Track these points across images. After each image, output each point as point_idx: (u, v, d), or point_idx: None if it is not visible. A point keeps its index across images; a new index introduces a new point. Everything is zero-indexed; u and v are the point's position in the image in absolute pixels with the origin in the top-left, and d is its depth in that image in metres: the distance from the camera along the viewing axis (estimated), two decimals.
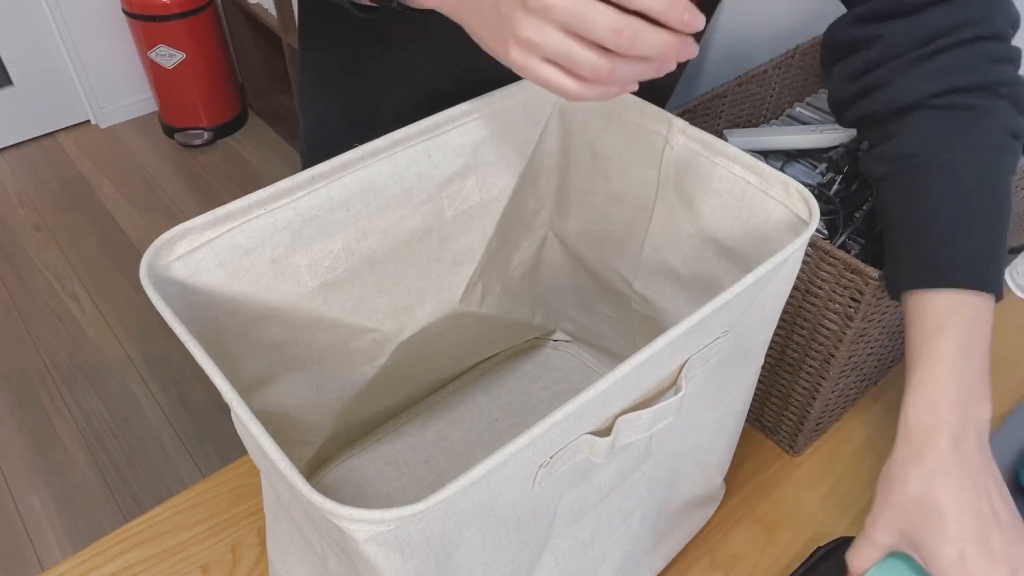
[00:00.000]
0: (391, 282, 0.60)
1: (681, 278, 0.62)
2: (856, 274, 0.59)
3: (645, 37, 0.39)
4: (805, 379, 0.68)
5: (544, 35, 0.40)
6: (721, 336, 0.48)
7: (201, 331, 0.49)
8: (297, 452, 0.64)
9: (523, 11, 0.40)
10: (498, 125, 0.59)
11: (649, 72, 0.42)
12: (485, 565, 0.43)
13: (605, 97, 0.43)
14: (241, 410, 0.37)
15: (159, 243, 0.45)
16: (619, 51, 0.40)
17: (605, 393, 0.39)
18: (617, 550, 0.55)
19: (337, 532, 0.36)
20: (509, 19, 0.41)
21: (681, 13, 0.39)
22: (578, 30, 0.40)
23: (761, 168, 0.53)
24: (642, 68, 0.42)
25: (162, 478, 1.70)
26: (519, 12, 0.41)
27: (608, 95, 0.43)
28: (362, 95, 0.76)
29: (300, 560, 0.52)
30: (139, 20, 2.35)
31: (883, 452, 0.75)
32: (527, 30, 0.41)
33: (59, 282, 2.15)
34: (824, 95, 0.93)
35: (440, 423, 0.73)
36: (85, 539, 1.59)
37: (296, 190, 0.50)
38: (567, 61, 0.41)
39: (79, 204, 2.40)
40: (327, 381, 0.61)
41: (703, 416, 0.54)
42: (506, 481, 0.39)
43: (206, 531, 0.68)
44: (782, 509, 0.70)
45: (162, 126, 2.68)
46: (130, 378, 1.90)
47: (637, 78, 0.42)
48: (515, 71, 0.43)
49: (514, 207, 0.65)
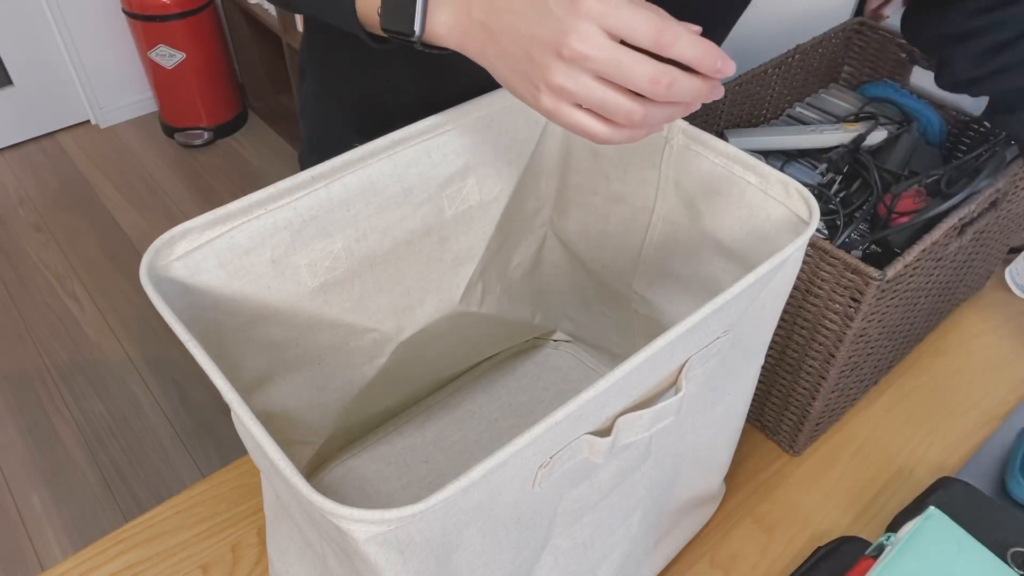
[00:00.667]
0: (391, 282, 0.60)
1: (681, 278, 0.62)
2: (856, 274, 0.59)
3: (680, 84, 0.40)
4: (805, 379, 0.68)
5: (578, 83, 0.41)
6: (721, 336, 0.48)
7: (201, 331, 0.49)
8: (297, 452, 0.64)
9: (557, 59, 0.40)
10: (498, 125, 0.59)
11: (679, 114, 0.43)
12: (485, 565, 0.43)
13: (634, 139, 0.43)
14: (241, 410, 0.37)
15: (159, 243, 0.45)
16: (654, 98, 0.40)
17: (605, 393, 0.39)
18: (617, 550, 0.55)
19: (337, 532, 0.36)
20: (541, 67, 0.41)
21: (715, 61, 0.40)
22: (614, 79, 0.40)
23: (761, 168, 0.53)
24: (672, 111, 0.42)
25: (162, 478, 1.70)
26: (553, 59, 0.41)
27: (637, 137, 0.43)
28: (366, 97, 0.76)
29: (300, 560, 0.52)
30: (139, 20, 2.35)
31: (883, 452, 0.75)
32: (561, 78, 0.41)
33: (59, 282, 2.15)
34: (824, 95, 0.93)
35: (440, 423, 0.73)
36: (85, 539, 1.59)
37: (296, 190, 0.50)
38: (600, 108, 0.41)
39: (79, 204, 2.40)
40: (327, 381, 0.61)
41: (703, 416, 0.54)
42: (506, 481, 0.39)
43: (206, 531, 0.68)
44: (782, 509, 0.70)
45: (162, 126, 2.68)
46: (130, 378, 1.90)
47: (667, 121, 0.43)
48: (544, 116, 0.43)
49: (514, 207, 0.65)
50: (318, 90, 0.80)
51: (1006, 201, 0.73)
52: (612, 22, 0.40)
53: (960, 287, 0.82)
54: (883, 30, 0.91)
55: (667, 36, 0.39)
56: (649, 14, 0.40)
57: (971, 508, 0.65)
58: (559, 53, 0.40)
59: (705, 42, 0.40)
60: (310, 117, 0.83)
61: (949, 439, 0.76)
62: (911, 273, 0.64)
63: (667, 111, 0.42)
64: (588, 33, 0.40)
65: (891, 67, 0.92)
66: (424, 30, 0.46)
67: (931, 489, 0.67)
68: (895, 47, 0.90)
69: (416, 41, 0.47)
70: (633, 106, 0.41)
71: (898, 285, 0.63)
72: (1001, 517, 0.64)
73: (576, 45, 0.40)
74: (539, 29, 0.41)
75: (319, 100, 0.80)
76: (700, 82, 0.41)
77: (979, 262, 0.81)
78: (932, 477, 0.73)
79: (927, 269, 0.67)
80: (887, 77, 0.92)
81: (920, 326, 0.79)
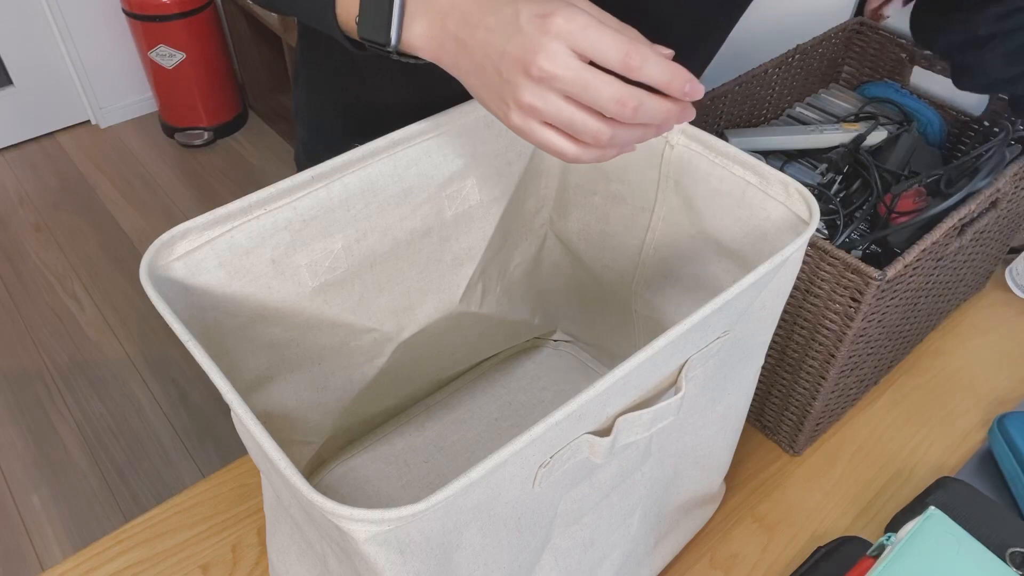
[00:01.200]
0: (391, 282, 0.60)
1: (681, 278, 0.62)
2: (856, 274, 0.59)
3: (647, 107, 0.40)
4: (805, 379, 0.68)
5: (546, 102, 0.40)
6: (721, 336, 0.48)
7: (201, 331, 0.49)
8: (297, 452, 0.64)
9: (526, 77, 0.40)
10: (498, 125, 0.59)
11: (649, 135, 0.42)
12: (485, 565, 0.43)
13: (603, 159, 0.43)
14: (241, 410, 0.37)
15: (159, 243, 0.45)
16: (621, 120, 0.40)
17: (605, 393, 0.39)
18: (617, 550, 0.55)
19: (337, 532, 0.36)
20: (511, 84, 0.41)
21: (683, 84, 0.40)
22: (581, 99, 0.40)
23: (761, 168, 0.53)
24: (642, 132, 0.42)
25: (162, 478, 1.70)
26: (521, 78, 0.41)
27: (606, 157, 0.43)
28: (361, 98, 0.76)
29: (300, 560, 0.52)
30: (139, 20, 2.35)
31: (883, 452, 0.75)
32: (529, 96, 0.41)
33: (59, 282, 2.15)
34: (824, 95, 0.93)
35: (440, 423, 0.73)
36: (85, 539, 1.59)
37: (296, 190, 0.50)
38: (568, 128, 0.41)
39: (79, 204, 2.40)
40: (327, 381, 0.61)
41: (703, 416, 0.54)
42: (506, 481, 0.39)
43: (206, 531, 0.68)
44: (782, 509, 0.70)
45: (162, 126, 2.68)
46: (130, 378, 1.90)
47: (637, 141, 0.43)
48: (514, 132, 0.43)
49: (514, 207, 0.65)
50: (311, 94, 0.80)
51: (1006, 201, 0.73)
52: (580, 42, 0.39)
53: (960, 287, 0.82)
54: (883, 30, 0.91)
55: (634, 59, 0.39)
56: (617, 36, 0.39)
57: (971, 508, 0.65)
58: (527, 72, 0.40)
59: (673, 65, 0.40)
60: (304, 121, 0.83)
61: (949, 439, 0.76)
62: (911, 273, 0.64)
63: (635, 132, 0.42)
64: (556, 52, 0.39)
65: (891, 67, 0.92)
66: (399, 40, 0.46)
67: (931, 489, 0.67)
68: (895, 47, 0.90)
69: (392, 51, 0.47)
70: (601, 127, 0.41)
71: (898, 285, 0.63)
72: (1001, 517, 0.64)
73: (544, 64, 0.39)
74: (509, 46, 0.41)
75: (312, 104, 0.80)
76: (669, 104, 0.41)
77: (979, 262, 0.81)
78: (932, 477, 0.73)
79: (927, 269, 0.67)
80: (887, 77, 0.92)
81: (920, 326, 0.79)
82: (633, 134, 0.42)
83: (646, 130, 0.42)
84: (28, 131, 2.63)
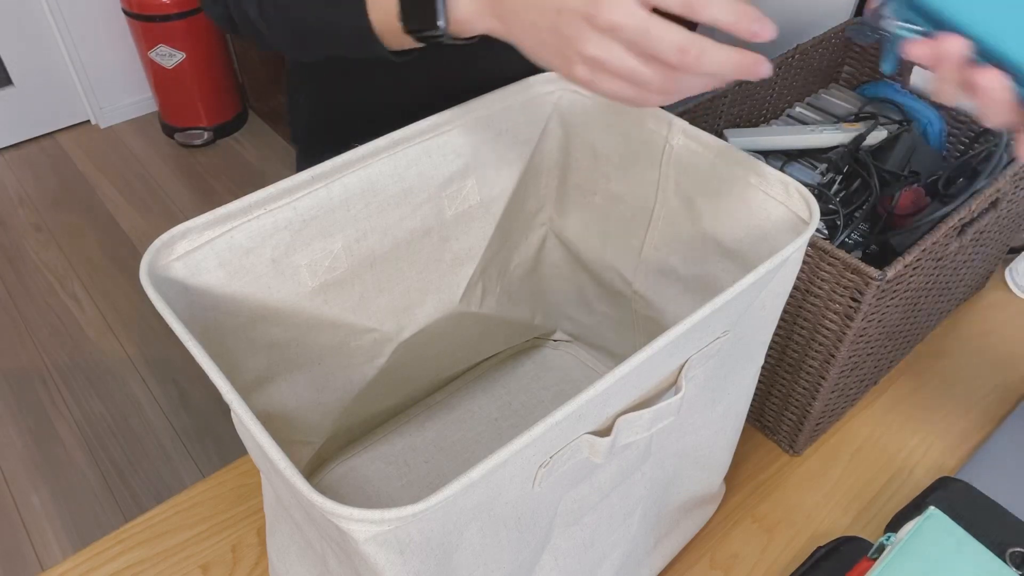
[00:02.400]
0: (391, 282, 0.60)
1: (681, 278, 0.62)
2: (856, 274, 0.59)
3: (710, 56, 0.40)
4: (805, 379, 0.68)
5: (611, 53, 0.41)
6: (721, 336, 0.48)
7: (201, 331, 0.49)
8: (297, 452, 0.64)
9: (591, 29, 0.40)
10: (498, 125, 0.59)
11: (714, 83, 0.42)
12: (485, 565, 0.43)
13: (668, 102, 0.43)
14: (241, 410, 0.37)
15: (159, 243, 0.45)
16: (684, 69, 0.40)
17: (605, 393, 0.39)
18: (617, 550, 0.55)
19: (337, 532, 0.36)
20: (573, 38, 0.41)
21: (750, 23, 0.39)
22: (644, 48, 0.40)
23: (761, 168, 0.53)
24: (706, 81, 0.42)
25: (162, 478, 1.70)
26: (586, 30, 0.41)
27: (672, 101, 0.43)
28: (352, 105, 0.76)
29: (300, 560, 0.52)
30: (139, 20, 2.35)
31: (883, 452, 0.75)
32: (593, 48, 0.41)
33: (59, 282, 2.15)
34: (824, 95, 0.93)
35: (440, 423, 0.73)
36: (85, 539, 1.59)
37: (296, 190, 0.50)
38: (631, 78, 0.41)
39: (79, 204, 2.40)
40: (327, 381, 0.61)
41: (703, 416, 0.54)
42: (506, 481, 0.39)
43: (206, 531, 0.68)
44: (782, 509, 0.70)
45: (162, 126, 2.68)
46: (130, 378, 1.90)
47: (701, 90, 0.42)
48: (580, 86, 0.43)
49: (514, 207, 0.65)
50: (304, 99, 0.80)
51: (1006, 201, 0.73)
52: None
53: (960, 287, 0.82)
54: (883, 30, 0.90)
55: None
56: None
57: (971, 508, 0.65)
58: (593, 23, 0.40)
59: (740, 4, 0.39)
60: (299, 125, 0.83)
61: (949, 439, 0.76)
62: (911, 273, 0.64)
63: (699, 80, 0.42)
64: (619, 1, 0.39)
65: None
66: (448, 21, 0.46)
67: (931, 489, 0.67)
68: None
69: (443, 34, 0.47)
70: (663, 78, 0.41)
71: (898, 285, 0.63)
72: (1001, 517, 0.64)
73: (608, 14, 0.40)
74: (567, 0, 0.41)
75: (305, 109, 0.80)
76: (734, 54, 0.40)
77: (979, 262, 0.81)
78: (932, 477, 0.73)
79: (927, 269, 0.67)
80: (887, 77, 0.92)
81: (920, 326, 0.79)
82: (697, 82, 0.42)
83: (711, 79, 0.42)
84: (28, 131, 2.63)
